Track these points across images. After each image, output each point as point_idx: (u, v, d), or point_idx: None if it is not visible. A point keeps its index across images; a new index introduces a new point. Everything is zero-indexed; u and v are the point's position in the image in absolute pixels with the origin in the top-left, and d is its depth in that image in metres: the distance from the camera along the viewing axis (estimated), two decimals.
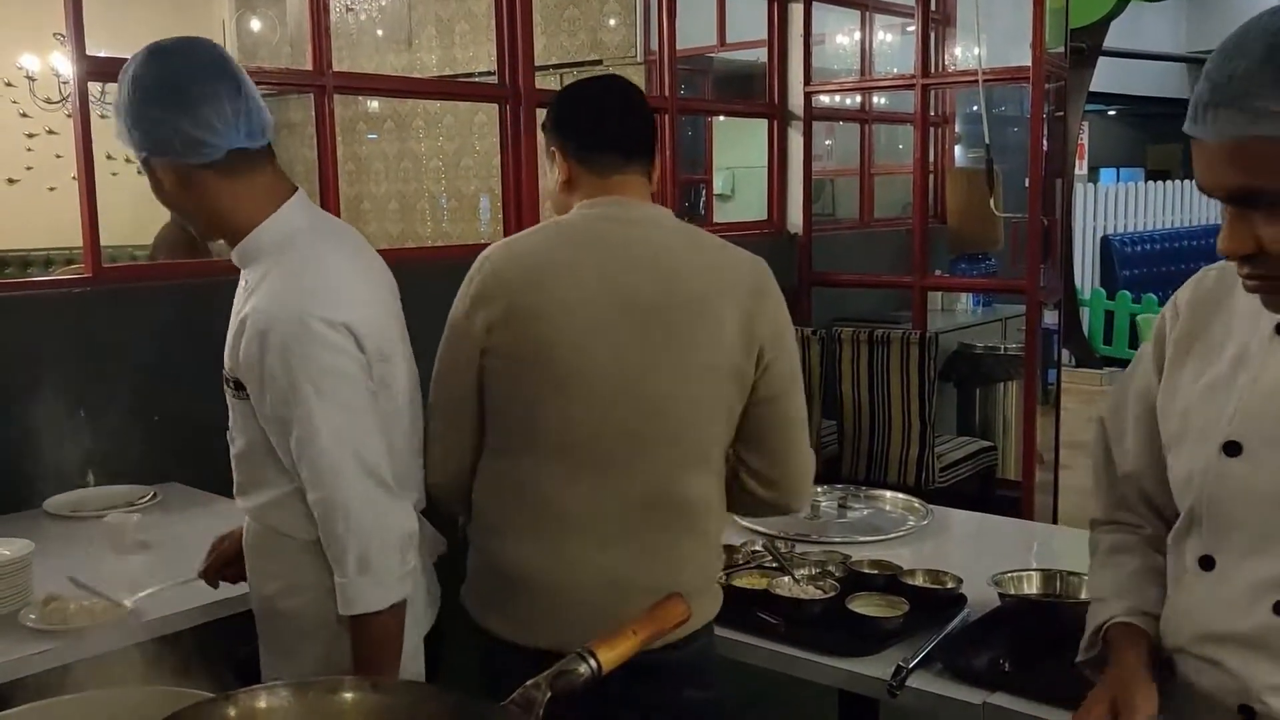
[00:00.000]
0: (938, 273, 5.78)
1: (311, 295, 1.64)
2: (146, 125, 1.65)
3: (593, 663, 1.20)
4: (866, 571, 2.17)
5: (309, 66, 3.61)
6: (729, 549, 2.31)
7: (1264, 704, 1.19)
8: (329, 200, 3.70)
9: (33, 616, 2.02)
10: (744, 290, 1.78)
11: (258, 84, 1.74)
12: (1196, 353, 1.30)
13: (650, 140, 1.87)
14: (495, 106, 4.32)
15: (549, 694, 1.17)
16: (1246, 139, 1.04)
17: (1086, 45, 8.65)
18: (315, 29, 3.58)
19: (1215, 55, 1.07)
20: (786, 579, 2.11)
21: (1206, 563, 1.25)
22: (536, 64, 4.43)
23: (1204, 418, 1.25)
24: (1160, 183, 11.86)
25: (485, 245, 1.94)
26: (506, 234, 4.31)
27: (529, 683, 1.18)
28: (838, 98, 6.73)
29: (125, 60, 1.72)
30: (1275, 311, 1.16)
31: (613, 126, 1.84)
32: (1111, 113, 15.80)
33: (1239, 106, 1.03)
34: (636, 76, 7.33)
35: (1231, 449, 1.21)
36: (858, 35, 6.52)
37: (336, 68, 3.71)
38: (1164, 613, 1.33)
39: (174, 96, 1.62)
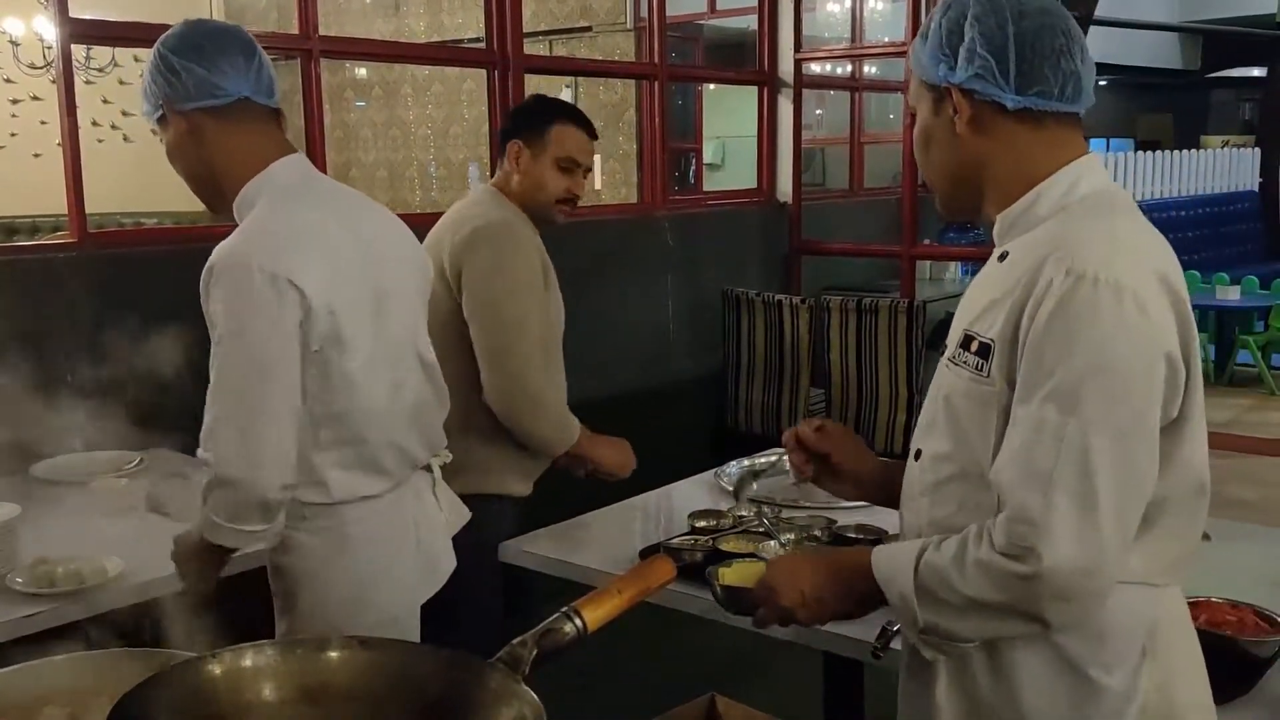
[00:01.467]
0: (926, 242, 5.78)
1: (260, 244, 1.72)
2: (167, 74, 1.79)
3: (578, 621, 1.22)
4: (852, 535, 2.18)
5: (295, 31, 3.58)
6: (716, 514, 2.33)
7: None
8: (316, 166, 3.68)
9: (20, 580, 2.03)
10: None
11: None
12: None
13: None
14: (484, 74, 4.30)
15: (535, 652, 1.18)
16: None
17: (1077, 14, 8.64)
18: None
19: None
20: (773, 543, 2.11)
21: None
22: (525, 30, 4.40)
23: None
24: (1150, 153, 11.84)
25: None
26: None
27: (515, 641, 1.19)
28: (828, 66, 6.71)
29: (110, 22, 1.76)
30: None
31: None
32: (1102, 83, 15.75)
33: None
34: (626, 43, 7.30)
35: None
36: (849, 2, 6.49)
37: (324, 33, 3.69)
38: None
39: (194, 50, 1.80)
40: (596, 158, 7.33)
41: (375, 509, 1.87)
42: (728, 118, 8.42)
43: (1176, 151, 12.21)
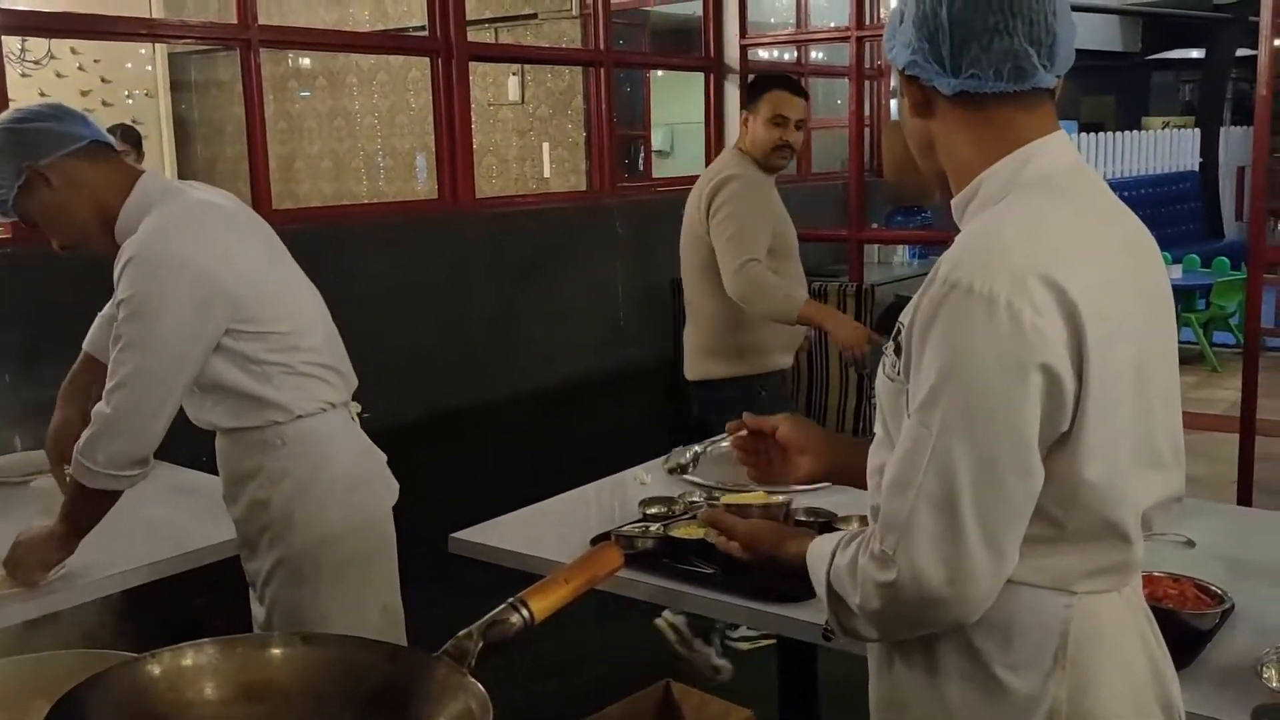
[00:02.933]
0: (874, 225, 5.81)
1: (174, 234, 1.97)
2: (31, 138, 1.99)
3: (525, 612, 1.21)
4: (802, 519, 2.19)
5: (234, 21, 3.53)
6: (667, 500, 2.33)
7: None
8: (258, 159, 3.63)
9: None
10: None
11: (181, 39, 1.91)
12: None
13: None
14: (428, 61, 4.26)
15: (481, 643, 1.17)
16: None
17: None
18: None
19: None
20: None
21: None
22: (470, 18, 4.37)
23: None
24: (1094, 134, 11.99)
25: (424, 202, 2.02)
26: (442, 192, 4.30)
27: (461, 633, 1.18)
28: (774, 51, 6.71)
29: (43, 13, 1.76)
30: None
31: None
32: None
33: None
34: (572, 30, 7.26)
35: None
36: None
37: (264, 21, 3.63)
38: None
39: (50, 111, 2.06)
40: (545, 145, 7.28)
41: (336, 418, 2.15)
42: (676, 104, 8.40)
43: (1119, 133, 12.37)
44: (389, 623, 2.18)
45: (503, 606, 1.20)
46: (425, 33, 4.23)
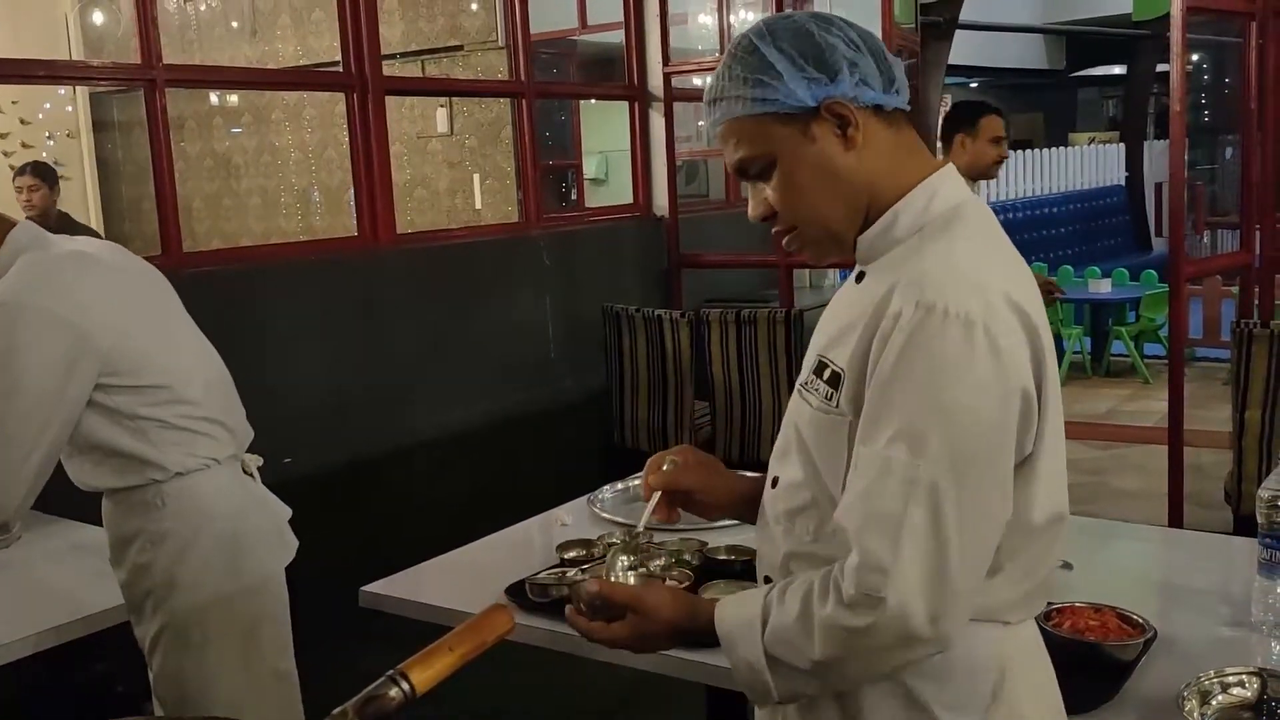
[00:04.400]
0: None
1: (36, 284, 1.87)
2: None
3: (405, 686, 1.13)
4: (723, 558, 2.14)
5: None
6: (586, 543, 2.26)
7: (788, 570, 1.34)
8: (166, 201, 3.54)
9: None
10: None
11: (87, 80, 1.84)
12: None
13: None
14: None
15: None
16: (730, 122, 1.31)
17: (943, 19, 8.79)
18: (142, 20, 3.41)
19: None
20: (641, 571, 2.06)
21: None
22: (397, 51, 4.31)
23: None
24: (1022, 152, 12.15)
25: (342, 240, 1.96)
26: (361, 228, 4.22)
27: (335, 711, 1.11)
28: (699, 78, 6.70)
29: None
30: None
31: None
32: (974, 85, 16.13)
33: (716, 98, 1.31)
34: (499, 61, 7.22)
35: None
36: (716, 15, 6.50)
37: (182, 59, 3.56)
38: None
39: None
40: (476, 176, 7.23)
41: (222, 475, 2.04)
42: (610, 132, 8.38)
43: (1047, 150, 12.54)
44: (282, 690, 2.09)
45: (381, 680, 1.13)
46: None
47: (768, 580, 1.37)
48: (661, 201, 5.40)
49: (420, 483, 4.17)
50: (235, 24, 8.32)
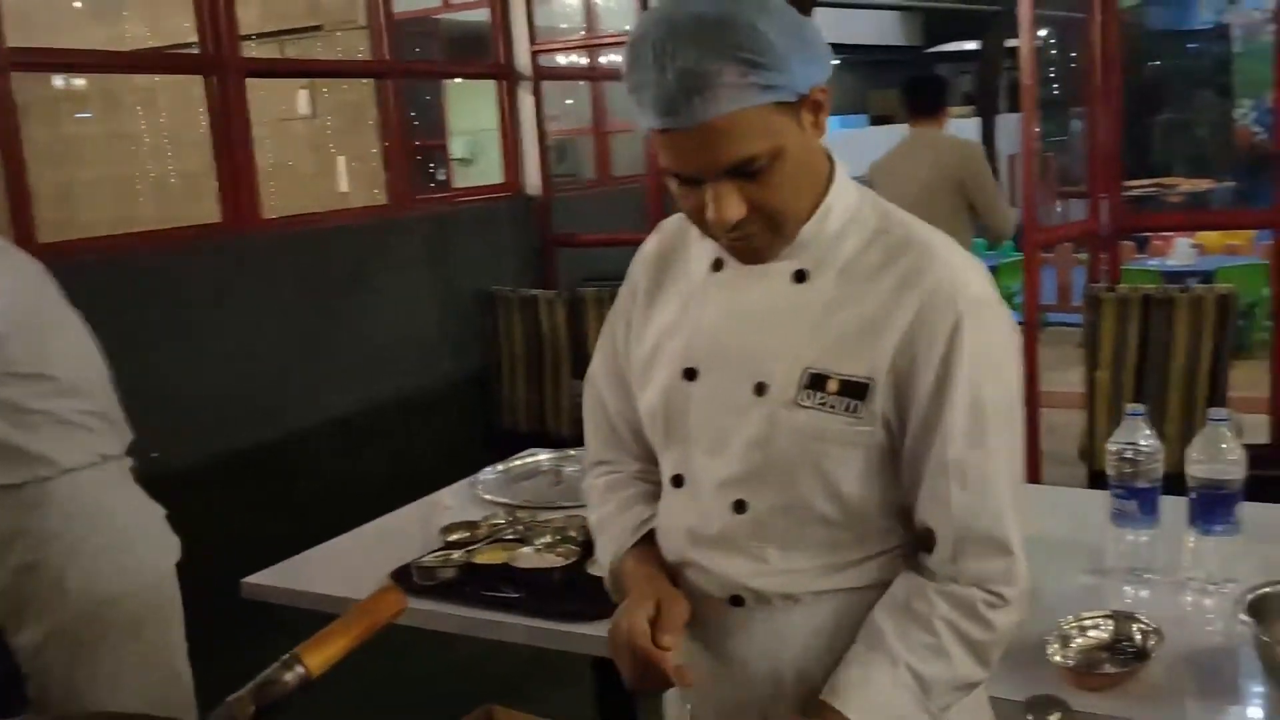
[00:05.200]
0: None
1: None
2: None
3: (300, 669, 1.14)
4: None
5: None
6: (469, 525, 2.28)
7: (750, 590, 1.32)
8: (18, 188, 3.40)
9: None
10: None
11: None
12: (662, 298, 1.42)
13: None
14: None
15: (253, 707, 1.10)
16: (733, 114, 1.15)
17: None
18: None
19: (652, 48, 1.16)
20: (527, 549, 2.08)
21: (678, 480, 1.37)
22: (255, 32, 4.20)
23: (668, 352, 1.37)
24: (884, 127, 12.45)
25: (206, 226, 1.93)
26: (225, 214, 4.11)
27: (230, 698, 1.11)
28: (573, 57, 6.71)
29: None
30: (752, 263, 1.29)
31: None
32: (836, 62, 16.41)
33: (701, 86, 1.13)
34: (361, 41, 7.09)
35: (689, 374, 1.33)
36: None
37: (22, 42, 3.42)
38: (658, 533, 1.43)
39: None
40: (341, 159, 7.08)
41: (111, 471, 2.02)
42: (478, 111, 8.30)
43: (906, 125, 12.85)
44: (177, 689, 2.05)
45: (275, 665, 1.14)
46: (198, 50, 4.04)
47: (736, 600, 1.33)
48: (534, 181, 5.40)
49: (299, 473, 4.11)
50: (78, 4, 7.99)
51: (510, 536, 2.18)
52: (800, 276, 1.28)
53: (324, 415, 4.26)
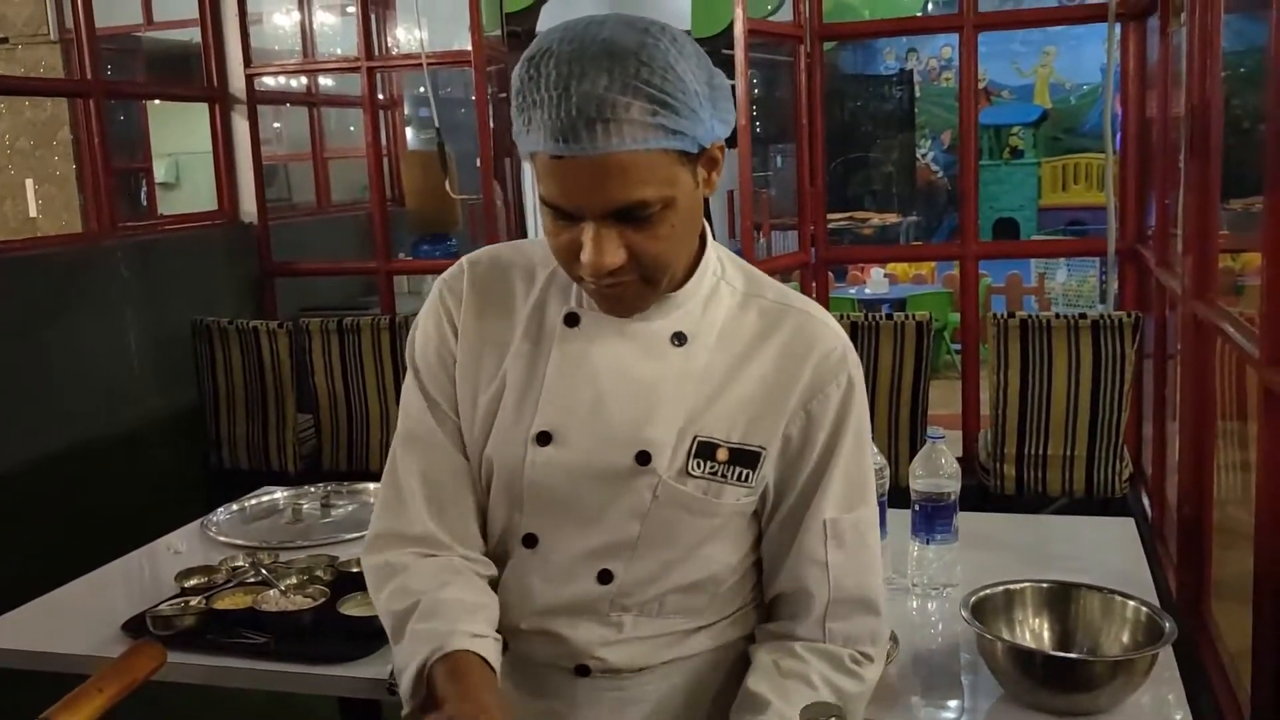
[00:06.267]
0: (402, 255, 5.79)
1: None
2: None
3: None
4: (356, 571, 2.12)
5: None
6: (207, 569, 2.16)
7: (597, 659, 1.28)
8: None
9: None
10: None
11: None
12: (486, 347, 1.29)
13: None
14: None
15: None
16: (634, 153, 1.06)
17: (520, 30, 9.04)
18: None
19: (556, 66, 1.05)
20: (273, 592, 2.00)
21: (530, 540, 1.28)
22: None
23: (511, 410, 1.26)
24: None
25: None
26: None
27: None
28: (283, 80, 6.51)
29: None
30: (616, 315, 1.22)
31: None
32: None
33: (608, 118, 1.04)
34: (52, 56, 6.62)
35: (543, 438, 1.23)
36: (297, 16, 6.33)
37: None
38: (502, 598, 1.32)
39: None
40: (29, 182, 6.57)
41: None
42: (180, 133, 7.88)
43: None
44: None
45: None
46: None
47: (582, 669, 1.29)
48: (249, 207, 5.19)
49: (2, 519, 3.76)
50: None
51: (253, 579, 2.08)
52: (680, 339, 1.23)
53: (26, 456, 3.92)
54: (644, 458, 1.20)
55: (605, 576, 1.25)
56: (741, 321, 1.25)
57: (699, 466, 1.21)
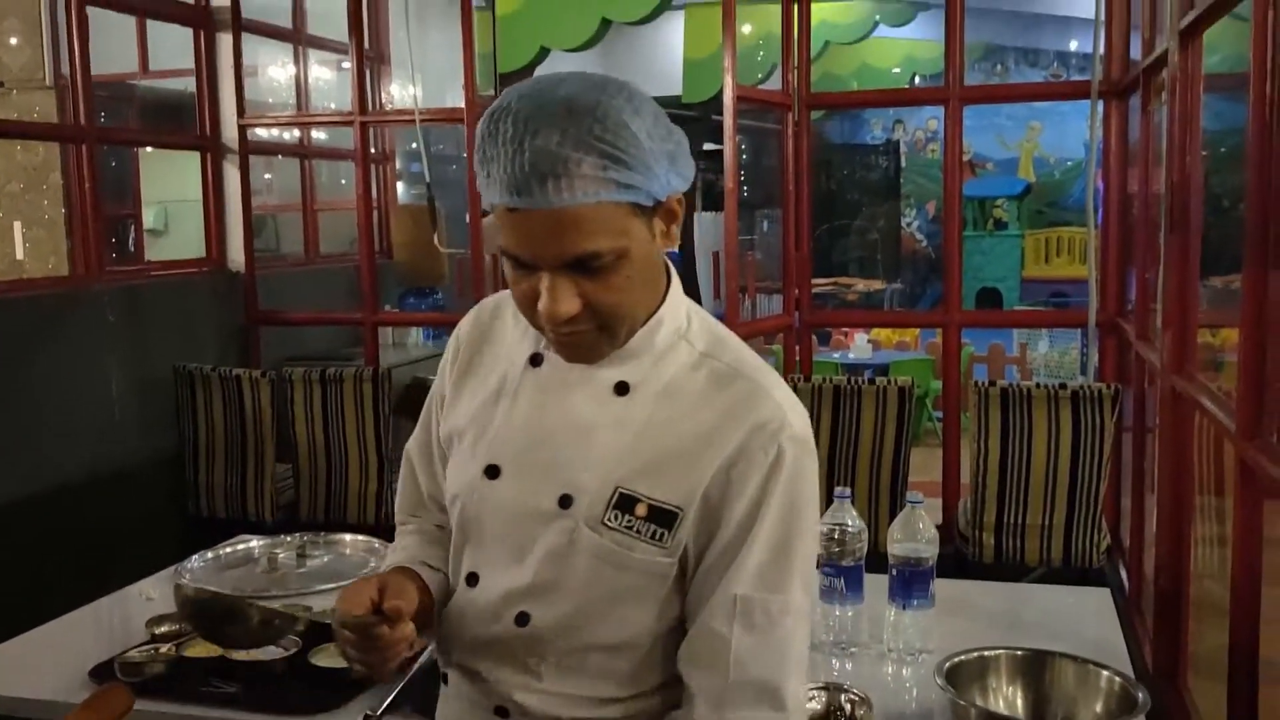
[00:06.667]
0: (388, 308, 5.80)
1: None
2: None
3: None
4: (328, 621, 2.10)
5: None
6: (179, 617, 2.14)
7: (515, 703, 1.28)
8: None
9: None
10: None
11: None
12: (473, 381, 1.37)
13: None
14: None
15: None
16: (584, 206, 1.10)
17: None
18: None
19: (513, 123, 1.10)
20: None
21: (472, 579, 1.32)
22: None
23: (470, 442, 1.32)
24: None
25: None
26: None
27: None
28: (275, 131, 6.56)
29: None
30: (576, 361, 1.24)
31: None
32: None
33: (561, 173, 1.08)
34: (47, 102, 6.66)
35: (491, 472, 1.28)
36: (292, 69, 6.40)
37: None
38: (441, 632, 1.37)
39: None
40: (17, 224, 6.58)
41: None
42: (169, 181, 7.92)
43: None
44: None
45: None
46: None
47: (501, 711, 1.30)
48: (237, 256, 5.20)
49: None
50: None
51: None
52: (622, 389, 1.24)
53: (2, 497, 3.89)
54: (566, 500, 1.22)
55: (522, 619, 1.26)
56: (690, 380, 1.25)
57: (616, 519, 1.21)
